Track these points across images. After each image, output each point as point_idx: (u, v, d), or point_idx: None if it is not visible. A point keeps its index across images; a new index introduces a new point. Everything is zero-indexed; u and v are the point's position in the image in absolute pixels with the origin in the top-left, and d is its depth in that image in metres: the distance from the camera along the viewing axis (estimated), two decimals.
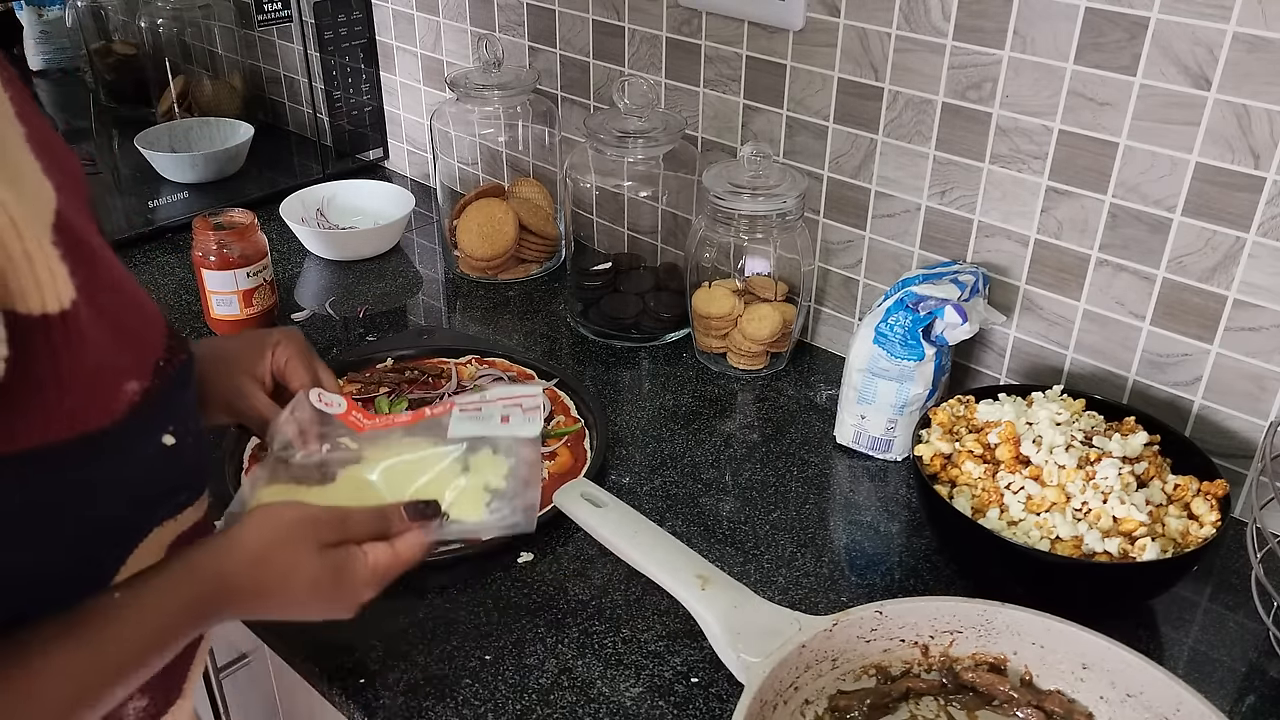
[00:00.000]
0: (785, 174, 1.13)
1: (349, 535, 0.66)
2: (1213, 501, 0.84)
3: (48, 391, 0.50)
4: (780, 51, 1.14)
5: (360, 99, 1.65)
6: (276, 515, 0.64)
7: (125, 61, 1.93)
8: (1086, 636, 0.73)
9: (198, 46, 1.85)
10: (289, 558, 0.63)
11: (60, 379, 0.50)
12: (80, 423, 0.52)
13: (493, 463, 0.74)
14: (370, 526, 0.67)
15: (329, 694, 0.81)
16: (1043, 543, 0.82)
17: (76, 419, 0.52)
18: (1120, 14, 0.89)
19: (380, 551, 0.67)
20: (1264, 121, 0.85)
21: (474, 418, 0.76)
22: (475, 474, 0.74)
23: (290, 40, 1.73)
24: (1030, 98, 0.97)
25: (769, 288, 1.20)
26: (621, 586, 0.89)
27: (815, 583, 0.90)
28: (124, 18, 1.90)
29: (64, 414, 0.51)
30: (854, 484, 1.03)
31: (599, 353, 1.24)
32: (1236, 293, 0.91)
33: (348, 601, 0.67)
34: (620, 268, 1.34)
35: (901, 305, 1.00)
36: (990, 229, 1.05)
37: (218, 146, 1.69)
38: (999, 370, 1.11)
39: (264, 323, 1.25)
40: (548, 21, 1.37)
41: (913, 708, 0.76)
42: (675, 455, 1.06)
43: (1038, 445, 0.87)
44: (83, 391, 0.52)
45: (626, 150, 1.19)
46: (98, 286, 0.53)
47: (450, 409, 0.77)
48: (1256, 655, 0.84)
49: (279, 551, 0.63)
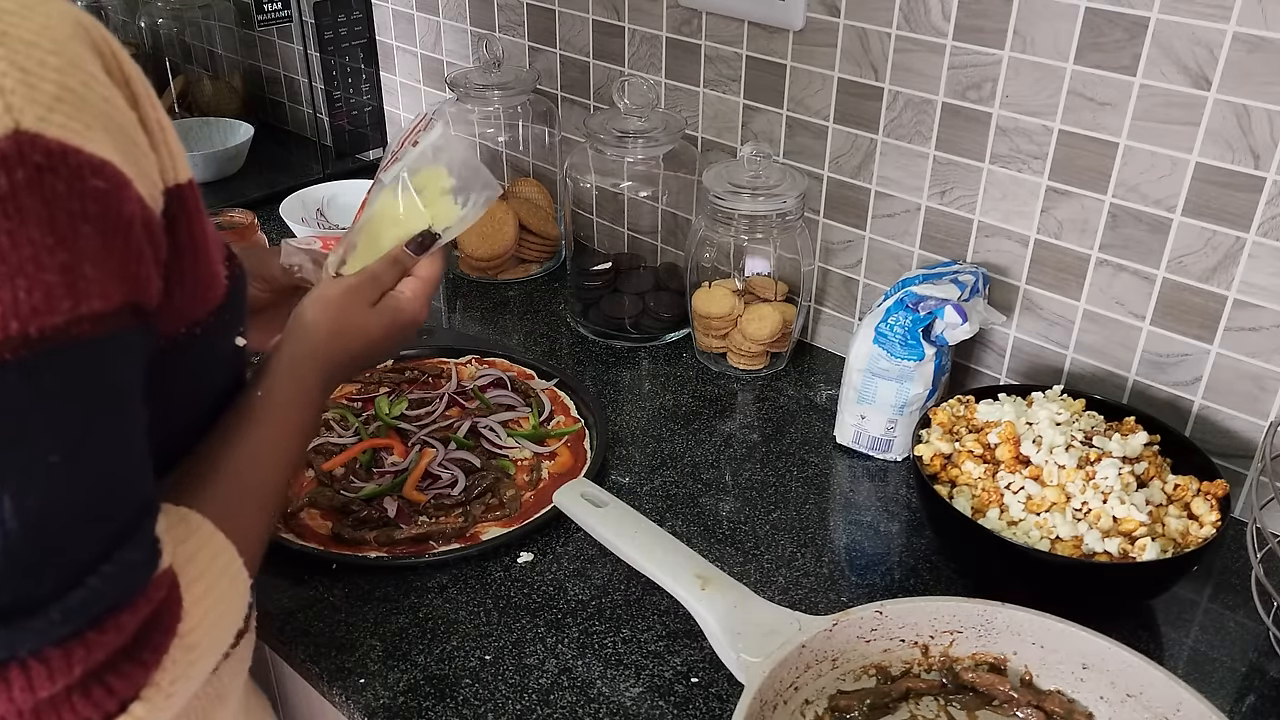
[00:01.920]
0: (785, 174, 1.13)
1: (384, 286, 0.81)
2: (1213, 501, 0.84)
3: (185, 260, 0.54)
4: (780, 51, 1.14)
5: (360, 99, 1.65)
6: (329, 300, 0.78)
7: None
8: (1086, 636, 0.73)
9: (198, 46, 1.85)
10: (355, 321, 0.78)
11: (195, 248, 0.55)
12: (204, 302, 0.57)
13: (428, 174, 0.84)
14: (394, 272, 0.82)
15: (329, 694, 0.81)
16: (1043, 543, 0.82)
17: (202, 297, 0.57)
18: (1120, 14, 0.89)
19: (411, 284, 0.83)
20: (1264, 121, 0.85)
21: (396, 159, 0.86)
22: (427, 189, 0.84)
23: (290, 40, 1.73)
24: (1030, 98, 0.97)
25: (769, 288, 1.20)
26: (621, 586, 0.89)
27: (815, 583, 0.90)
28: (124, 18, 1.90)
29: (200, 288, 0.56)
30: (854, 484, 1.03)
31: (599, 353, 1.24)
32: (1236, 293, 0.91)
33: (412, 326, 0.83)
34: (620, 268, 1.34)
35: (901, 305, 1.00)
36: (990, 229, 1.05)
37: (218, 146, 1.69)
38: (999, 370, 1.11)
39: None
40: (548, 21, 1.37)
41: (913, 708, 0.76)
42: (675, 455, 1.06)
43: (1038, 445, 0.87)
44: (206, 266, 0.57)
45: (626, 150, 1.19)
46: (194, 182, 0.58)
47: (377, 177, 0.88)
48: (1256, 655, 0.84)
49: (344, 320, 0.77)
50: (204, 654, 0.55)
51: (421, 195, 0.84)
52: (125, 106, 0.49)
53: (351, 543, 0.92)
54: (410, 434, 1.05)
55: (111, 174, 0.47)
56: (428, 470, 1.00)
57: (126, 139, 0.49)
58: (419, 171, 0.84)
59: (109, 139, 0.47)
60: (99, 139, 0.46)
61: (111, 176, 0.47)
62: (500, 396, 1.11)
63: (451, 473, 0.99)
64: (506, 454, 1.03)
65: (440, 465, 1.00)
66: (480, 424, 1.06)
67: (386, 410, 1.08)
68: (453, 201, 0.85)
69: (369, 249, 0.85)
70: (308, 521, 0.94)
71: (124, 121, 0.49)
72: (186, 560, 0.55)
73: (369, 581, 0.89)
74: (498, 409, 1.09)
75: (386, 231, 0.85)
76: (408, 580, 0.89)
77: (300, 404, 0.71)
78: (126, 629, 0.49)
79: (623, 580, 0.90)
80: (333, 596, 0.87)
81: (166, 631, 0.52)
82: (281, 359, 0.73)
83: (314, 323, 0.76)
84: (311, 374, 0.73)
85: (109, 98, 0.48)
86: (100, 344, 0.46)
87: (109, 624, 0.48)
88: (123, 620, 0.49)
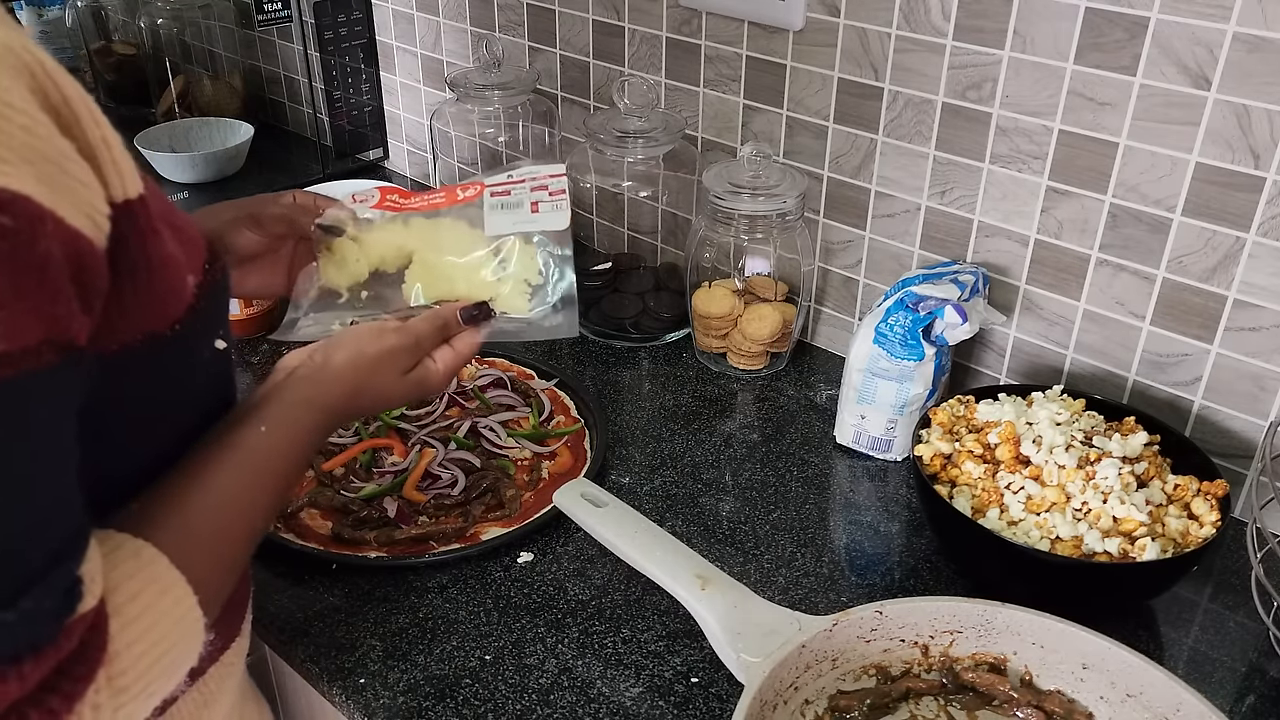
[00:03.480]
0: (785, 174, 1.13)
1: (422, 353, 0.79)
2: (1213, 501, 0.84)
3: (139, 277, 0.53)
4: (780, 51, 1.14)
5: (360, 99, 1.65)
6: (363, 355, 0.75)
7: (125, 61, 1.93)
8: (1086, 636, 0.73)
9: (198, 46, 1.85)
10: (380, 387, 0.76)
11: (149, 263, 0.53)
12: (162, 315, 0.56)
13: (525, 253, 0.79)
14: (436, 338, 0.80)
15: (329, 694, 0.81)
16: (1043, 543, 0.82)
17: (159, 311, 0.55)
18: (1120, 14, 0.89)
19: (445, 356, 0.80)
20: (1264, 121, 0.85)
21: (505, 205, 0.81)
22: (518, 261, 0.79)
23: (290, 40, 1.73)
24: (1030, 98, 0.97)
25: (769, 288, 1.20)
26: (621, 586, 0.89)
27: (815, 583, 0.90)
28: (124, 18, 1.90)
29: (155, 301, 0.55)
30: (854, 484, 1.03)
31: (599, 353, 1.24)
32: (1236, 293, 0.91)
33: (433, 395, 0.83)
34: (620, 268, 1.34)
35: (901, 305, 1.00)
36: (990, 229, 1.05)
37: (218, 146, 1.69)
38: (999, 370, 1.11)
39: (264, 323, 1.25)
40: (548, 21, 1.37)
41: (913, 708, 0.76)
42: (675, 455, 1.06)
43: (1038, 445, 0.87)
44: (162, 279, 0.55)
45: (626, 150, 1.19)
46: (148, 186, 0.55)
47: (481, 192, 0.83)
48: (1256, 655, 0.84)
49: (370, 382, 0.75)
50: (138, 696, 0.53)
51: (508, 263, 0.80)
52: (54, 134, 0.47)
53: (351, 543, 0.92)
54: (410, 434, 1.05)
55: (23, 209, 0.44)
56: (428, 470, 1.00)
57: (53, 168, 0.46)
58: (531, 241, 0.80)
59: (29, 169, 0.44)
60: (13, 171, 0.44)
61: (23, 212, 0.44)
62: (500, 396, 1.11)
63: (451, 473, 0.99)
64: (506, 454, 1.03)
65: (440, 465, 1.00)
66: (480, 424, 1.06)
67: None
68: (526, 297, 0.80)
69: (422, 245, 0.81)
70: (308, 521, 0.94)
71: (50, 150, 0.46)
72: (128, 599, 0.52)
73: (369, 581, 0.89)
74: (498, 409, 1.09)
75: (450, 252, 0.80)
76: (408, 580, 0.89)
77: (294, 449, 0.68)
78: (29, 679, 0.46)
79: (623, 580, 0.90)
80: (333, 596, 0.87)
81: (81, 678, 0.49)
82: (290, 397, 0.70)
83: (339, 376, 0.73)
84: (316, 423, 0.71)
85: (29, 126, 0.45)
86: (8, 385, 0.44)
87: (10, 673, 0.45)
88: (26, 670, 0.46)
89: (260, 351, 1.23)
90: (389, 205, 0.85)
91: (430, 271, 0.82)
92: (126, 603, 0.52)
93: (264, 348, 1.24)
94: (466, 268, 0.81)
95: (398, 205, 0.85)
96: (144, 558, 0.55)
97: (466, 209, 0.82)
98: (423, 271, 0.83)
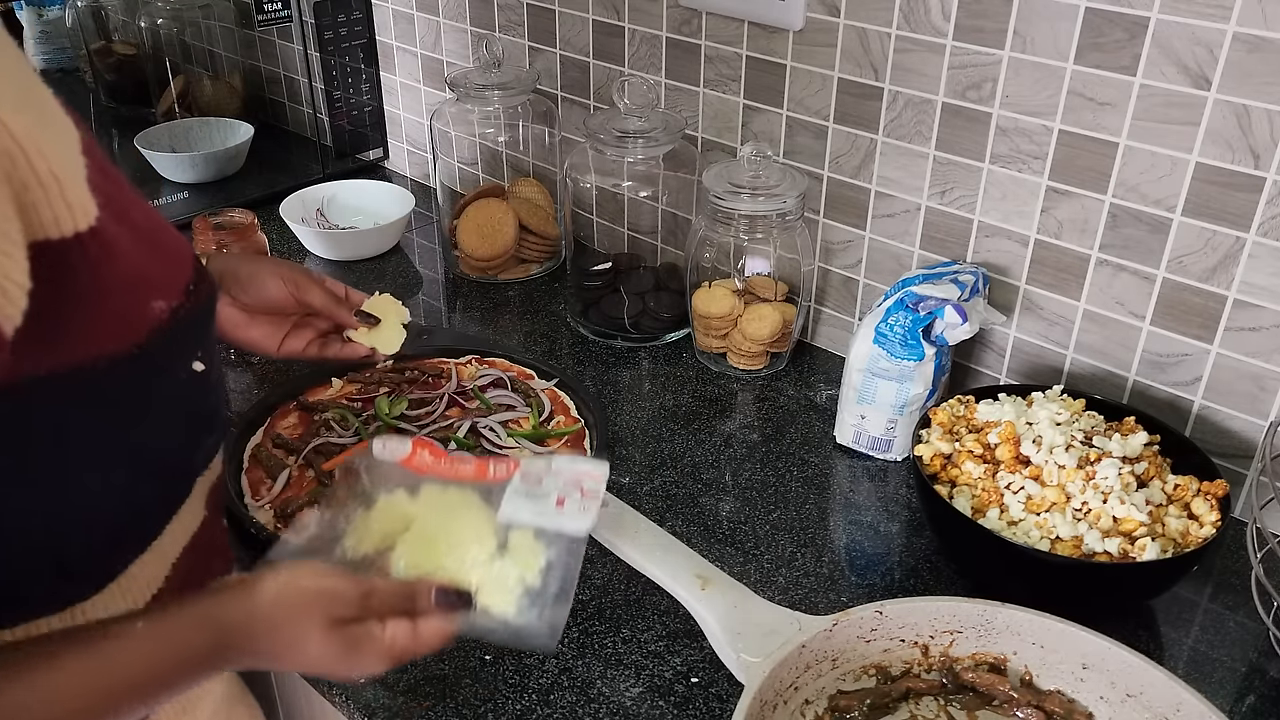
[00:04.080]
0: (785, 174, 1.13)
1: (370, 612, 0.64)
2: (1213, 501, 0.84)
3: (88, 306, 0.52)
4: (780, 51, 1.14)
5: (360, 99, 1.65)
6: (296, 585, 0.62)
7: (125, 61, 1.93)
8: (1086, 636, 0.73)
9: (198, 46, 1.85)
10: (299, 630, 0.61)
11: (100, 290, 0.53)
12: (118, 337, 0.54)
13: (531, 550, 0.69)
14: (395, 604, 0.65)
15: (329, 694, 0.81)
16: (1043, 543, 0.82)
17: (112, 333, 0.54)
18: (1120, 14, 0.89)
19: (401, 632, 0.64)
20: (1264, 121, 0.85)
21: (530, 493, 0.73)
22: (512, 558, 0.69)
23: (290, 40, 1.73)
24: (1030, 98, 0.97)
25: (769, 288, 1.20)
26: (621, 586, 0.89)
27: (815, 583, 0.90)
28: (124, 18, 1.90)
29: (106, 325, 0.54)
30: (854, 484, 1.03)
31: (599, 353, 1.24)
32: (1236, 293, 0.91)
33: (357, 672, 0.65)
34: (620, 268, 1.34)
35: (901, 305, 1.00)
36: (990, 229, 1.05)
37: (218, 146, 1.69)
38: (999, 370, 1.11)
39: None
40: (548, 21, 1.37)
41: (913, 708, 0.76)
42: (675, 455, 1.06)
43: (1038, 445, 0.87)
44: (119, 302, 0.54)
45: (626, 150, 1.19)
46: (127, 204, 0.55)
47: (513, 472, 0.75)
48: (1256, 655, 0.84)
49: (291, 623, 0.61)
50: None
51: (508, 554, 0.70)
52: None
53: None
54: (410, 434, 1.05)
55: None
56: None
57: None
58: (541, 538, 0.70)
59: None
60: None
61: None
62: (500, 396, 1.11)
63: None
64: (506, 454, 1.03)
65: None
66: (480, 424, 1.06)
67: (386, 410, 1.08)
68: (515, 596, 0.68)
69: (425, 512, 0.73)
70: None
71: None
72: None
73: None
74: (498, 409, 1.09)
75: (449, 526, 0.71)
76: None
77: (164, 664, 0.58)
78: None
79: (623, 580, 0.90)
80: None
81: None
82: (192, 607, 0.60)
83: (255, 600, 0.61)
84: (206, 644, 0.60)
85: None
86: None
87: None
88: None
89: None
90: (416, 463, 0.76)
91: (421, 542, 0.71)
92: None
93: None
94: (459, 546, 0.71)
95: (425, 465, 0.76)
96: None
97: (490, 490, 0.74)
98: (414, 540, 0.71)
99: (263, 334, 0.93)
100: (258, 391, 1.16)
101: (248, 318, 0.92)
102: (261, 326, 0.93)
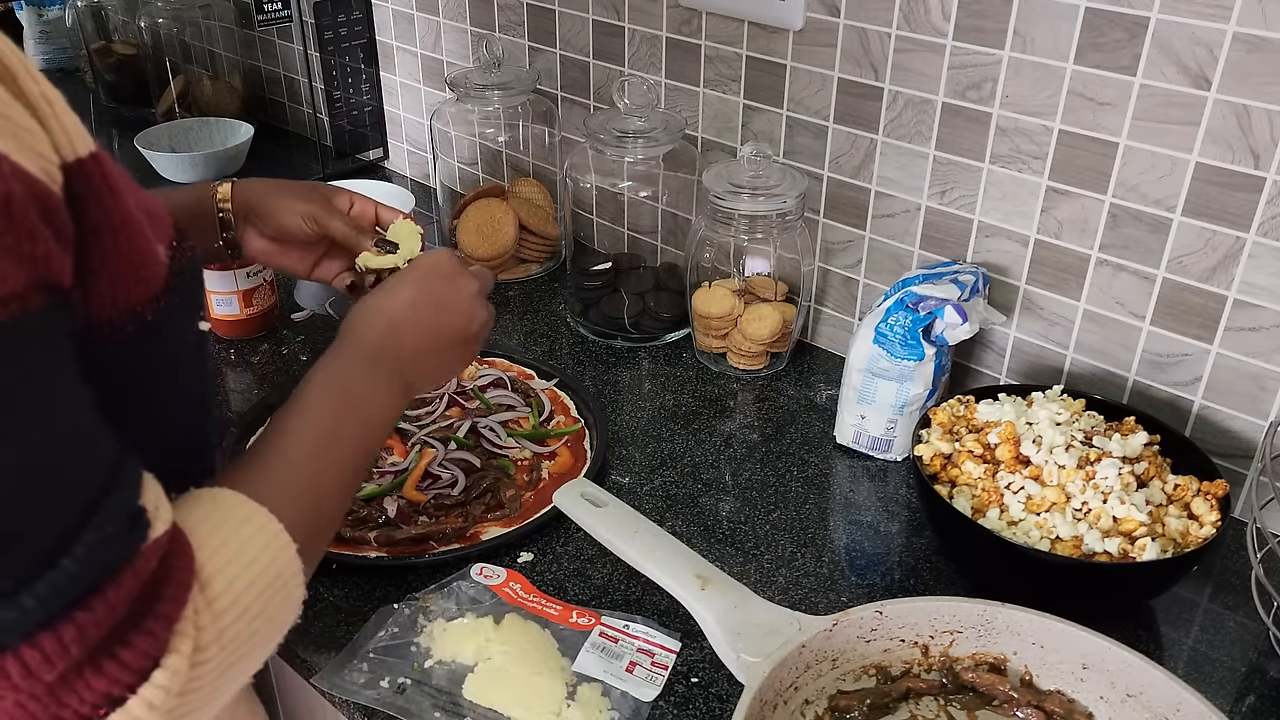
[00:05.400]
0: (785, 174, 1.13)
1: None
2: (1213, 501, 0.84)
3: (104, 239, 0.51)
4: (780, 51, 1.14)
5: (360, 99, 1.65)
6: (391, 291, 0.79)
7: (125, 61, 1.93)
8: (1086, 636, 0.73)
9: (198, 46, 1.86)
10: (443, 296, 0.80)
11: (112, 223, 0.52)
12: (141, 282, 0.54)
13: (598, 705, 0.77)
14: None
15: (329, 694, 0.81)
16: (1043, 543, 0.82)
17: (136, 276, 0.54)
18: (1120, 14, 0.89)
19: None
20: (1264, 121, 0.85)
21: (606, 650, 0.81)
22: (580, 709, 0.76)
23: (290, 40, 1.73)
24: (1030, 98, 0.97)
25: (769, 288, 1.20)
26: (621, 586, 0.89)
27: (815, 583, 0.90)
28: (124, 18, 1.91)
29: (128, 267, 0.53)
30: (854, 484, 1.03)
31: (599, 353, 1.24)
32: (1236, 293, 0.91)
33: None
34: (620, 268, 1.34)
35: (901, 305, 1.00)
36: (990, 229, 1.05)
37: (218, 146, 1.69)
38: (999, 370, 1.11)
39: (263, 324, 1.25)
40: (548, 21, 1.37)
41: (913, 708, 0.76)
42: (675, 455, 1.06)
43: (1038, 445, 0.87)
44: (129, 242, 0.53)
45: (626, 150, 1.19)
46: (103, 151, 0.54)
47: (595, 625, 0.83)
48: (1256, 655, 0.84)
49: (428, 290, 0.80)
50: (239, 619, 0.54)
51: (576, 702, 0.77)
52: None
53: (351, 542, 0.92)
54: (410, 434, 1.05)
55: None
56: (428, 470, 1.00)
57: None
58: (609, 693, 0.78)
59: None
60: None
61: None
62: (500, 396, 1.11)
63: (451, 473, 0.99)
64: (506, 454, 1.03)
65: (440, 465, 1.00)
66: (480, 424, 1.06)
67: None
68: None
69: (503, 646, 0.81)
70: None
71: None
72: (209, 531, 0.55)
73: (369, 581, 0.89)
74: (498, 409, 1.09)
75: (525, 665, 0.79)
76: (408, 580, 0.89)
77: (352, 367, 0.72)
78: (116, 604, 0.48)
79: (623, 580, 0.90)
80: (333, 596, 0.87)
81: (173, 599, 0.51)
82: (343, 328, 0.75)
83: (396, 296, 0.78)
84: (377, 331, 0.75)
85: None
86: (9, 327, 0.44)
87: (95, 602, 0.47)
88: (110, 596, 0.48)
89: (260, 351, 1.23)
90: (505, 593, 0.86)
91: (495, 675, 0.79)
92: (208, 535, 0.55)
93: (264, 348, 1.24)
94: (532, 685, 0.78)
95: (513, 596, 0.86)
96: (220, 498, 0.58)
97: (570, 636, 0.82)
98: (488, 671, 0.79)
99: (293, 261, 0.95)
100: (258, 391, 1.16)
101: (279, 247, 0.93)
102: (291, 255, 0.94)
